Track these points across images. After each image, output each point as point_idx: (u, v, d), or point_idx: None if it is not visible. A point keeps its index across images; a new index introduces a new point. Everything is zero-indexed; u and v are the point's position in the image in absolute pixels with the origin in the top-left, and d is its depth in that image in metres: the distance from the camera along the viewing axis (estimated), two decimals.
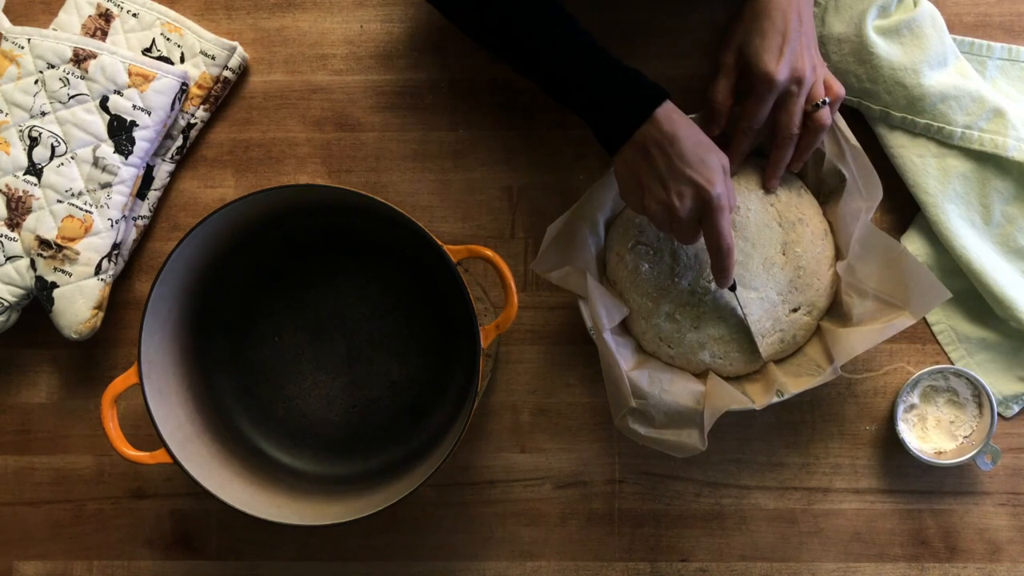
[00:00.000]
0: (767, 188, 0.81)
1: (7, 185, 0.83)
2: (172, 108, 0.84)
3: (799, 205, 0.82)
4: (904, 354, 0.86)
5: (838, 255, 0.82)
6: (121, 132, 0.83)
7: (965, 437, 0.84)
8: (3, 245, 0.83)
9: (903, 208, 0.85)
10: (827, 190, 0.83)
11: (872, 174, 0.78)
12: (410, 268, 0.85)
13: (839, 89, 0.78)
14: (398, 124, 0.88)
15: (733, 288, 0.78)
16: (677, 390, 0.79)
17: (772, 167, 0.80)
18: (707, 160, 0.70)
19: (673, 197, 0.70)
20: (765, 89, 0.75)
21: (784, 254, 0.81)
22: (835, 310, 0.82)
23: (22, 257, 0.84)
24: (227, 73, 0.87)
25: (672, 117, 0.71)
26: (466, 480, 0.87)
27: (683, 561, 0.86)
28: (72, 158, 0.83)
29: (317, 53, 0.88)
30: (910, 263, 0.76)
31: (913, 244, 0.85)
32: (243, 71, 0.88)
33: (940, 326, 0.86)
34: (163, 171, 0.87)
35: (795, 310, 0.81)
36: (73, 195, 0.83)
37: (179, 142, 0.87)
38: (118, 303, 0.88)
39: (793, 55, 0.75)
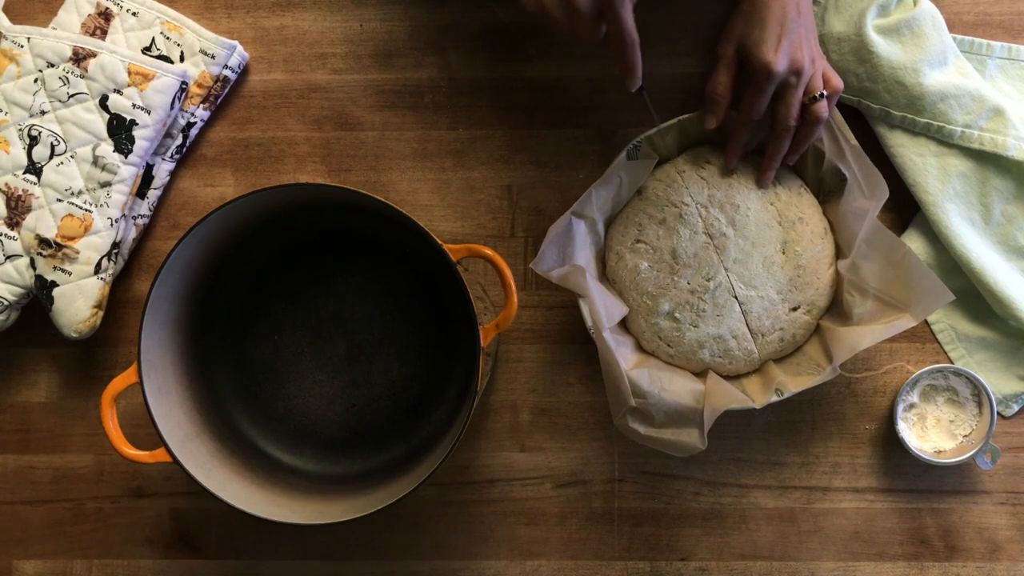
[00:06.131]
0: (762, 181, 0.81)
1: (7, 184, 0.83)
2: (172, 107, 0.84)
3: (799, 204, 0.82)
4: (904, 353, 0.86)
5: (838, 254, 0.82)
6: (121, 131, 0.83)
7: (965, 436, 0.83)
8: (3, 244, 0.83)
9: (903, 208, 0.85)
10: (827, 189, 0.83)
11: (875, 173, 0.78)
12: (410, 267, 0.84)
13: (837, 82, 0.78)
14: (398, 123, 0.88)
15: (642, 89, 0.76)
16: (677, 389, 0.79)
17: (768, 159, 0.80)
18: None
19: None
20: (764, 80, 0.75)
21: (784, 253, 0.81)
22: (835, 309, 0.82)
23: (22, 256, 0.84)
24: (227, 72, 0.87)
25: None
26: (466, 479, 0.87)
27: (683, 560, 0.86)
28: (72, 157, 0.83)
29: (317, 52, 0.88)
30: (913, 264, 0.76)
31: (913, 243, 0.85)
32: (243, 70, 0.88)
33: (940, 325, 0.86)
34: (163, 170, 0.87)
35: (795, 309, 0.81)
36: (73, 194, 0.83)
37: (179, 141, 0.87)
38: (118, 302, 0.88)
39: (792, 46, 0.74)
